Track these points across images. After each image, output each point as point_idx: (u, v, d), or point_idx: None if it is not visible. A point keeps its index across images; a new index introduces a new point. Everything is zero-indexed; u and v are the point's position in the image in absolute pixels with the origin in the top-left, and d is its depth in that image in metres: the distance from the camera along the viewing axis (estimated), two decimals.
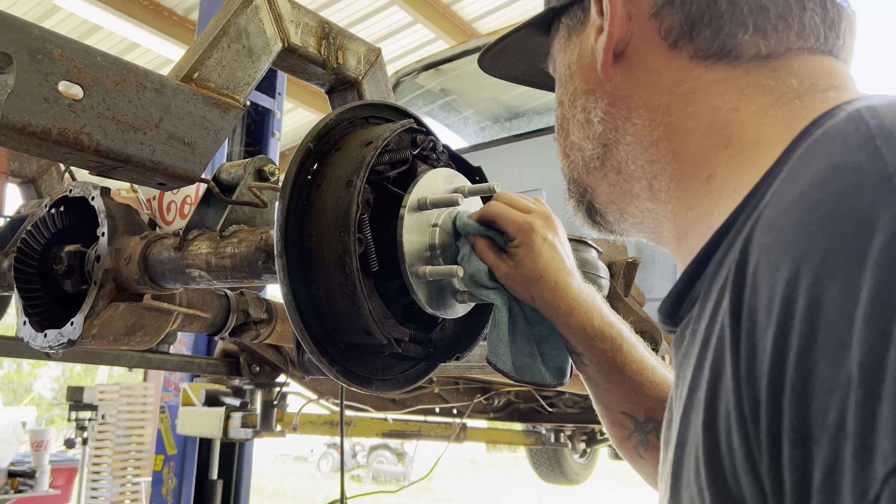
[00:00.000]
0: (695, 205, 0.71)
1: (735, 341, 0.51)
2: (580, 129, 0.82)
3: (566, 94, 0.84)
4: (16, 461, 7.21)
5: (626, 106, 0.77)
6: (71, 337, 1.18)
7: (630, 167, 0.77)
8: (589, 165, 0.82)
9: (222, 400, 3.41)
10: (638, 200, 0.79)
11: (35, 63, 0.83)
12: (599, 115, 0.79)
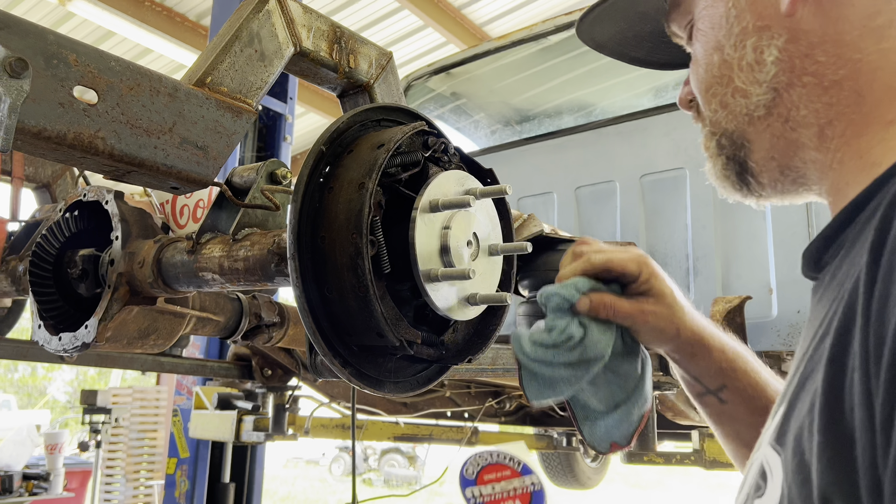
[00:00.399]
0: (865, 153, 0.67)
1: (871, 280, 0.50)
2: (748, 71, 0.76)
3: (730, 36, 0.78)
4: (30, 464, 7.25)
5: (809, 42, 0.72)
6: (85, 340, 1.19)
7: (801, 113, 0.73)
8: (753, 114, 0.77)
9: (234, 403, 3.42)
10: (803, 151, 0.74)
11: (51, 68, 0.84)
12: (774, 53, 0.74)
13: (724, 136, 0.82)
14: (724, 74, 0.80)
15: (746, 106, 0.77)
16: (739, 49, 0.77)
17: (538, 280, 1.82)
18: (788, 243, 2.77)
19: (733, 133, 0.80)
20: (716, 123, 0.82)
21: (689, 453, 3.11)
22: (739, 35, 0.78)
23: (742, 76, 0.77)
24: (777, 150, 0.76)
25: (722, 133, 0.82)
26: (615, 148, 3.40)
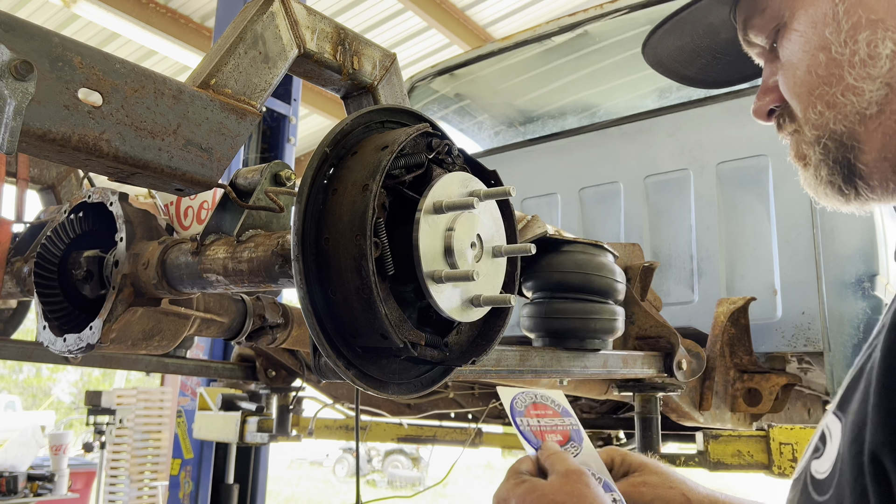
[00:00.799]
0: None
1: None
2: (860, 67, 0.75)
3: (839, 32, 0.76)
4: (35, 465, 7.27)
5: None
6: (90, 341, 1.19)
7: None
8: (865, 112, 0.75)
9: (238, 404, 3.42)
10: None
11: (55, 70, 0.84)
12: (890, 46, 0.73)
13: (830, 138, 0.79)
14: (833, 73, 0.77)
15: (858, 104, 0.75)
16: (851, 45, 0.76)
17: (542, 281, 1.82)
18: (793, 244, 2.76)
19: (842, 134, 0.78)
20: (821, 126, 0.79)
21: (693, 454, 3.10)
22: (850, 31, 0.76)
23: (854, 72, 0.75)
24: (890, 149, 0.74)
25: (828, 135, 0.79)
26: (619, 149, 3.39)
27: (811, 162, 0.82)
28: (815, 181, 0.82)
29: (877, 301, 2.52)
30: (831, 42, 0.77)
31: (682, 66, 1.04)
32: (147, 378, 11.45)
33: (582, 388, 2.34)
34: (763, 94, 0.89)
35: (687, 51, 1.01)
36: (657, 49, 1.02)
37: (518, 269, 1.18)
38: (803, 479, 0.67)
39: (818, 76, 0.79)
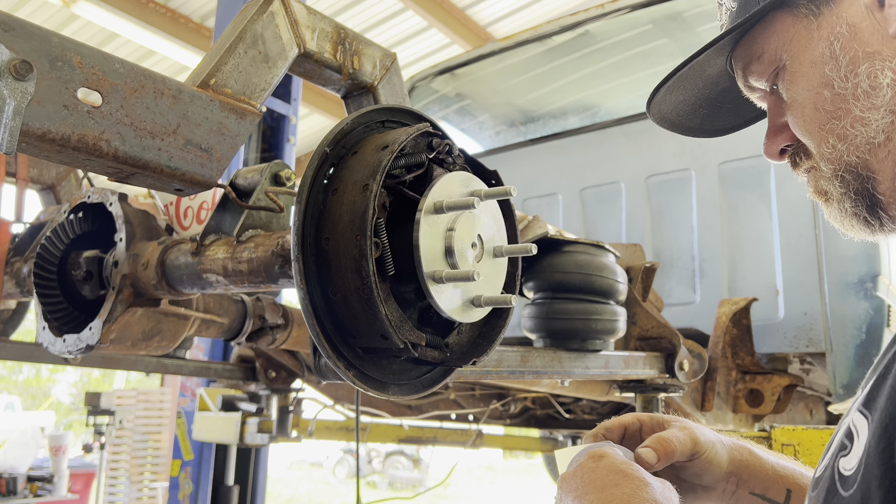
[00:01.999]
0: None
1: None
2: (864, 98, 0.77)
3: (839, 68, 0.79)
4: (35, 466, 7.27)
5: None
6: (89, 342, 1.18)
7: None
8: (873, 142, 0.77)
9: (238, 405, 3.42)
10: None
11: (55, 70, 0.84)
12: (889, 76, 0.75)
13: (846, 171, 0.80)
14: (840, 107, 0.79)
15: (866, 134, 0.77)
16: (852, 78, 0.78)
17: (543, 282, 1.81)
18: (795, 245, 2.76)
19: (857, 166, 0.79)
20: (836, 160, 0.81)
21: None
22: (849, 65, 0.78)
23: (859, 104, 0.77)
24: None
25: (844, 168, 0.80)
26: (620, 149, 3.39)
27: (833, 196, 0.83)
28: (840, 215, 0.83)
29: (879, 301, 2.51)
30: (833, 78, 0.80)
31: (685, 119, 1.06)
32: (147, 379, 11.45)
33: (583, 389, 2.33)
34: (773, 135, 0.91)
35: (689, 104, 1.04)
36: (661, 106, 1.05)
37: (519, 270, 1.17)
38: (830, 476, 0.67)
39: (826, 111, 0.81)
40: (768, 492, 0.95)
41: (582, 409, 3.75)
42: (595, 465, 0.82)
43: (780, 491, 0.95)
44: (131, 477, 7.20)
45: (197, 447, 4.25)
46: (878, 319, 2.49)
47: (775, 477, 0.95)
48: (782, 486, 0.95)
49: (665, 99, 1.02)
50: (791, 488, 0.94)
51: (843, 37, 0.79)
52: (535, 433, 5.01)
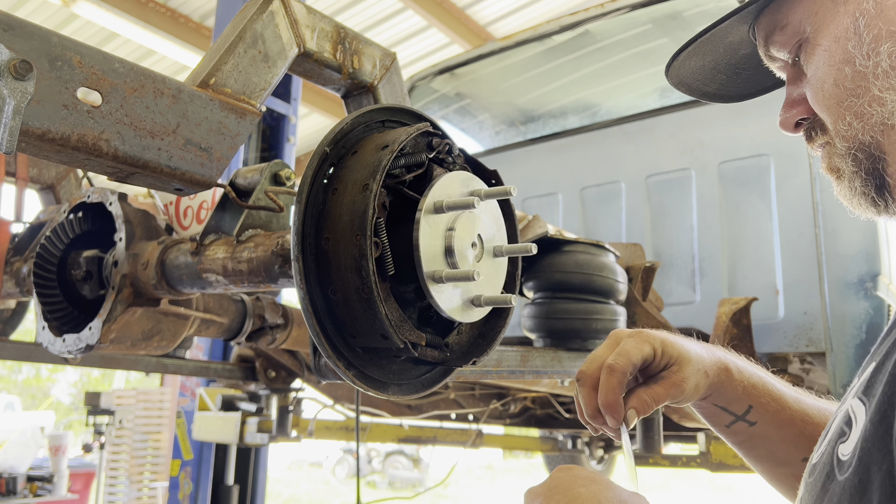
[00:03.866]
0: None
1: None
2: (883, 78, 0.76)
3: (861, 45, 0.78)
4: (34, 466, 7.26)
5: None
6: (89, 342, 1.18)
7: None
8: (887, 122, 0.77)
9: (238, 405, 3.42)
10: None
11: (55, 70, 0.84)
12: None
13: (860, 149, 0.80)
14: (859, 85, 0.79)
15: (882, 114, 0.77)
16: (874, 57, 0.77)
17: (543, 281, 1.81)
18: (795, 244, 2.76)
19: (870, 145, 0.79)
20: (851, 138, 0.80)
21: (695, 455, 3.10)
22: (872, 43, 0.77)
23: (878, 83, 0.77)
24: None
25: (858, 146, 0.80)
26: (620, 148, 3.39)
27: (845, 174, 0.82)
28: (849, 193, 0.83)
29: (879, 301, 2.51)
30: (855, 55, 0.79)
31: (703, 83, 1.06)
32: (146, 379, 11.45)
33: None
34: (789, 107, 0.90)
35: (707, 69, 1.03)
36: (679, 70, 1.04)
37: (519, 269, 1.17)
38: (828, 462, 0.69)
39: (846, 88, 0.80)
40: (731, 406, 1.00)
41: None
42: (563, 475, 0.83)
43: (742, 406, 1.00)
44: (131, 477, 7.20)
45: (197, 447, 4.25)
46: (878, 319, 2.49)
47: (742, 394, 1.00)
48: (746, 403, 0.99)
49: (684, 64, 1.02)
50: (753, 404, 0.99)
51: (868, 13, 0.78)
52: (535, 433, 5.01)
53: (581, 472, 0.83)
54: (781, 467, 1.01)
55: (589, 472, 0.83)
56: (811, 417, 0.99)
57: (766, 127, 2.91)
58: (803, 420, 0.99)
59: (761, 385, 1.00)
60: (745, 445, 1.03)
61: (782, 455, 1.00)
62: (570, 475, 0.83)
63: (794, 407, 0.99)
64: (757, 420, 0.99)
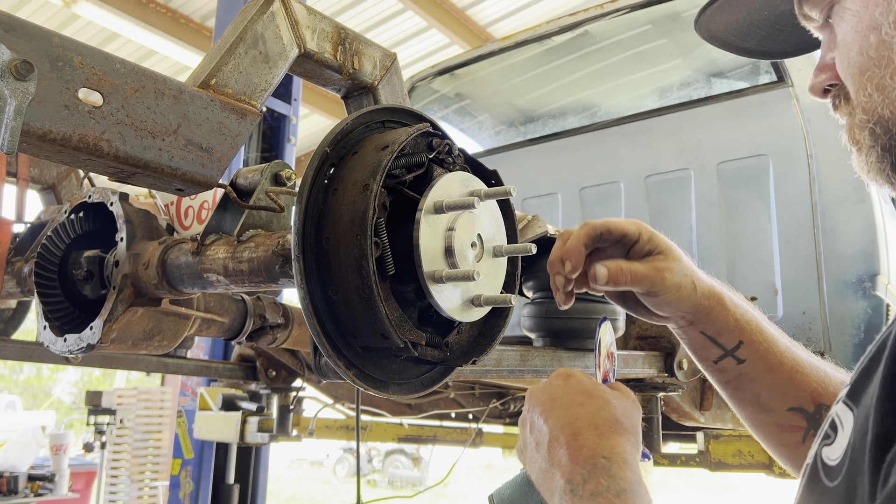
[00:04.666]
0: None
1: None
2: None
3: (888, 13, 0.74)
4: (35, 465, 7.27)
5: None
6: (90, 341, 1.19)
7: None
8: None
9: (239, 404, 3.42)
10: None
11: (56, 70, 0.84)
12: None
13: (878, 123, 0.76)
14: (883, 55, 0.75)
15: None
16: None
17: (543, 281, 1.82)
18: (794, 244, 2.76)
19: (889, 120, 0.75)
20: (871, 110, 0.77)
21: (695, 455, 3.10)
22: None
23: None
24: None
25: (877, 120, 0.76)
26: (620, 149, 3.39)
27: (863, 147, 0.79)
28: (865, 166, 0.80)
29: (878, 301, 2.51)
30: (881, 23, 0.75)
31: (739, 39, 1.01)
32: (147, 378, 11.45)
33: None
34: (819, 72, 0.86)
35: (744, 25, 0.98)
36: (710, 24, 1.00)
37: (519, 269, 1.18)
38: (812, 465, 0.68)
39: (870, 58, 0.76)
40: (720, 338, 0.97)
41: None
42: (563, 384, 0.85)
43: (732, 339, 0.97)
44: (132, 476, 7.21)
45: (197, 446, 4.26)
46: (876, 319, 2.49)
47: (734, 327, 0.97)
48: (736, 337, 0.97)
49: (713, 18, 0.97)
50: (744, 340, 0.96)
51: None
52: None
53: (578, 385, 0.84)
54: (765, 414, 0.99)
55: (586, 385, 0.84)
56: (802, 368, 0.97)
57: (764, 127, 2.91)
58: (793, 368, 0.97)
59: (755, 323, 0.97)
60: (731, 386, 1.01)
61: (768, 401, 0.98)
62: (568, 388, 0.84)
63: (786, 353, 0.97)
64: (746, 358, 0.97)
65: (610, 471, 0.74)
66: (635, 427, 0.82)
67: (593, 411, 0.80)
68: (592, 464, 0.75)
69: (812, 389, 0.95)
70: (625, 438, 0.79)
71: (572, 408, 0.81)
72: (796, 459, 0.97)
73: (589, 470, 0.75)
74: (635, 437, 0.81)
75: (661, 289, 0.95)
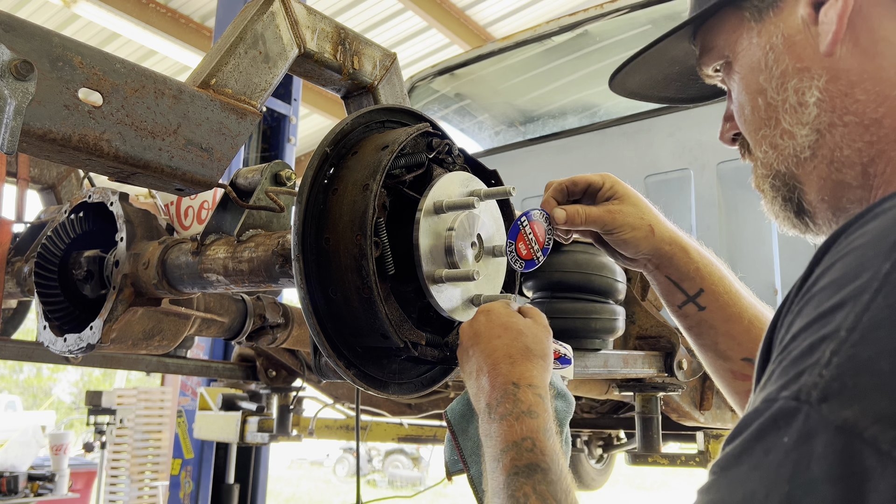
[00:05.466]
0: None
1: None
2: (792, 113, 0.77)
3: (771, 79, 0.79)
4: (35, 465, 7.27)
5: (848, 80, 0.73)
6: (90, 341, 1.19)
7: (844, 153, 0.74)
8: (800, 156, 0.78)
9: (239, 404, 3.42)
10: (849, 191, 0.75)
11: (56, 70, 0.84)
12: (816, 94, 0.75)
13: (776, 177, 0.82)
14: (771, 116, 0.80)
15: (794, 147, 0.78)
16: (782, 92, 0.78)
17: (542, 281, 1.82)
18: (793, 244, 2.76)
19: (785, 174, 0.80)
20: (768, 165, 0.82)
21: (694, 454, 3.11)
22: (780, 77, 0.78)
23: (787, 118, 0.78)
24: (826, 192, 0.77)
25: (774, 174, 0.82)
26: (619, 149, 3.39)
27: (767, 196, 0.85)
28: (772, 212, 0.86)
29: None
30: (766, 88, 0.80)
31: (658, 91, 1.09)
32: (147, 378, 11.46)
33: (582, 388, 2.33)
34: (725, 121, 0.92)
35: (658, 79, 1.06)
36: (626, 84, 1.07)
37: None
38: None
39: (760, 118, 0.82)
40: (683, 283, 1.05)
41: (581, 407, 3.75)
42: (485, 319, 0.94)
43: (693, 286, 1.04)
44: (132, 476, 7.21)
45: (198, 446, 4.26)
46: None
47: (695, 274, 1.04)
48: (698, 284, 1.04)
49: (628, 79, 1.05)
50: (704, 289, 1.04)
51: (777, 49, 0.79)
52: None
53: (497, 319, 0.94)
54: (721, 360, 1.05)
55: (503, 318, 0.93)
56: (761, 323, 1.03)
57: None
58: (751, 322, 1.02)
59: (718, 275, 1.03)
60: (693, 331, 1.07)
61: (724, 348, 1.04)
62: (489, 322, 0.94)
63: (747, 308, 1.03)
64: (706, 306, 1.03)
65: (516, 395, 0.85)
66: (544, 351, 0.93)
67: (508, 342, 0.90)
68: (504, 390, 0.86)
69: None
70: (533, 364, 0.89)
71: (492, 340, 0.91)
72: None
73: (502, 394, 0.86)
74: (543, 360, 0.92)
75: (613, 227, 1.02)
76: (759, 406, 0.50)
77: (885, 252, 0.50)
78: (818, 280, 0.54)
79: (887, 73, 0.71)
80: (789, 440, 0.46)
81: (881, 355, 0.45)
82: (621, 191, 1.03)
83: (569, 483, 0.77)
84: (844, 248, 0.54)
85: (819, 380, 0.47)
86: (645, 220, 1.02)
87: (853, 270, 0.51)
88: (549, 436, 0.82)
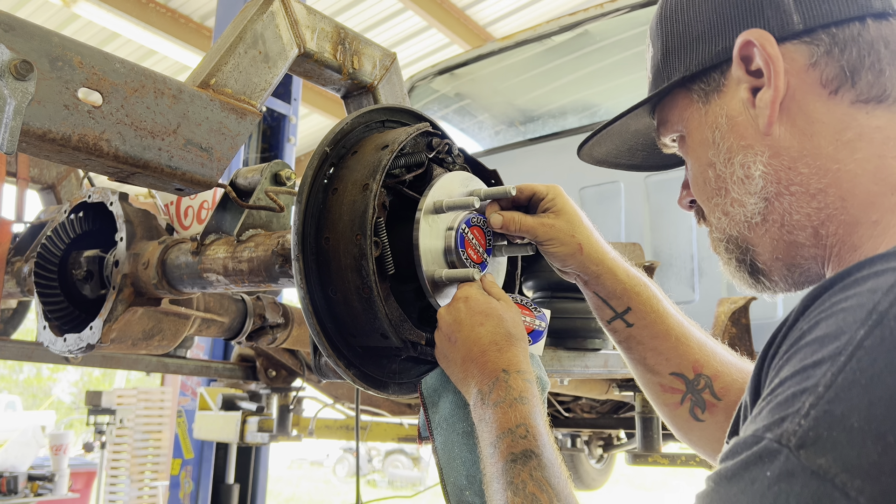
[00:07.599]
0: (860, 246, 0.75)
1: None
2: (740, 185, 0.84)
3: (719, 154, 0.86)
4: (35, 465, 7.27)
5: (790, 156, 0.79)
6: (90, 341, 1.19)
7: (794, 217, 0.80)
8: (751, 221, 0.84)
9: (239, 404, 3.42)
10: (803, 249, 0.82)
11: (55, 70, 0.84)
12: (760, 168, 0.81)
13: (729, 241, 0.88)
14: (721, 187, 0.87)
15: (744, 214, 0.84)
16: (729, 166, 0.84)
17: (543, 281, 1.82)
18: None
19: (738, 238, 0.87)
20: (721, 230, 0.89)
21: (694, 454, 3.11)
22: (727, 153, 0.85)
23: (736, 188, 0.84)
24: (779, 251, 0.83)
25: (728, 239, 0.88)
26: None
27: (723, 258, 0.91)
28: (729, 274, 0.91)
29: None
30: (715, 162, 0.87)
31: (625, 159, 1.14)
32: (147, 378, 11.46)
33: (583, 388, 2.33)
34: (683, 188, 0.99)
35: (623, 150, 1.12)
36: (593, 153, 1.13)
37: (518, 269, 1.18)
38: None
39: (712, 188, 0.89)
40: (610, 300, 1.10)
41: (581, 407, 3.75)
42: (463, 306, 0.96)
43: (621, 304, 1.09)
44: (132, 476, 7.21)
45: (197, 446, 4.26)
46: None
47: (622, 294, 1.09)
48: (625, 303, 1.09)
49: (595, 150, 1.11)
50: (632, 307, 1.09)
51: (722, 128, 0.85)
52: None
53: (476, 305, 0.97)
54: (650, 374, 1.11)
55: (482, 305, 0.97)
56: (688, 341, 1.08)
57: None
58: (678, 339, 1.08)
59: (646, 295, 1.08)
60: (623, 345, 1.12)
61: (653, 363, 1.09)
62: (468, 309, 0.96)
63: (674, 326, 1.08)
64: (634, 323, 1.08)
65: (507, 382, 0.90)
66: (523, 333, 0.98)
67: (492, 330, 0.94)
68: (495, 377, 0.91)
69: (695, 360, 1.08)
70: (517, 348, 0.94)
71: (475, 328, 0.94)
72: (676, 419, 1.10)
73: (493, 381, 0.90)
74: (524, 342, 0.97)
75: (544, 239, 1.05)
76: (748, 439, 0.58)
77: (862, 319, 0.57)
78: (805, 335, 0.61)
79: (825, 150, 0.77)
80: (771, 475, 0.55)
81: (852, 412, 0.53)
82: (560, 205, 1.07)
83: (560, 464, 0.83)
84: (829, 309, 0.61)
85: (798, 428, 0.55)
86: (575, 238, 1.06)
87: (833, 333, 0.58)
88: (539, 419, 0.88)
